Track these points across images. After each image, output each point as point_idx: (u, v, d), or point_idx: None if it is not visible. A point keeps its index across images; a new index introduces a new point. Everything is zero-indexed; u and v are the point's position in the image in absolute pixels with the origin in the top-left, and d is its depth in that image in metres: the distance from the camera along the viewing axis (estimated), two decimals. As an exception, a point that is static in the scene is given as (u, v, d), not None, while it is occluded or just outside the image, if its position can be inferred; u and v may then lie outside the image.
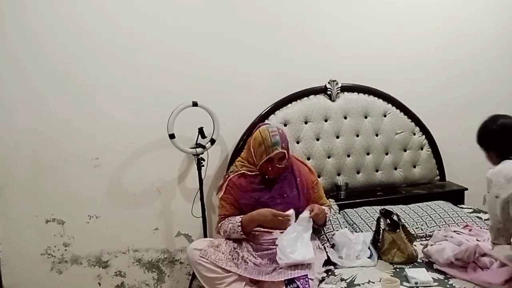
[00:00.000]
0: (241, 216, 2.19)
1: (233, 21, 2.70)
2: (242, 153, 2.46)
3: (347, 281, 1.97)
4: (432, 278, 1.90)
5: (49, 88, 2.53)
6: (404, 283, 1.87)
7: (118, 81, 2.60)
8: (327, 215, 2.33)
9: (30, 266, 2.64)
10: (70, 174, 2.61)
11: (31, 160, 2.56)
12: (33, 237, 2.62)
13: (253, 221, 2.15)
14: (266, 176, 2.23)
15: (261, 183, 2.24)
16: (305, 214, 2.11)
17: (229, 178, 2.29)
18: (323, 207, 2.31)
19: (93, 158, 2.62)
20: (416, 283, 1.85)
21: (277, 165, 2.18)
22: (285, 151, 2.19)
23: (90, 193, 2.64)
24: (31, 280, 2.65)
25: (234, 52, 2.72)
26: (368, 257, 2.13)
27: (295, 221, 2.09)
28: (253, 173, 2.26)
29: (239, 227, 2.15)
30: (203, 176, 2.58)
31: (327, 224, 2.39)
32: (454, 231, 2.18)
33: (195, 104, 2.49)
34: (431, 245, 2.09)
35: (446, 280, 1.90)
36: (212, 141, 2.60)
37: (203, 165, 2.56)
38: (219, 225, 2.27)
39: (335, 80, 2.82)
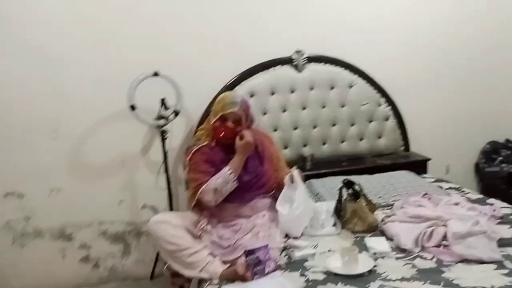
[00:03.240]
0: (226, 167, 2.08)
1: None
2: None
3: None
4: (391, 247, 1.94)
5: (3, 57, 2.42)
6: (364, 252, 1.91)
7: (76, 50, 2.50)
8: None
9: (-10, 240, 2.59)
10: (28, 146, 2.53)
11: (-14, 132, 2.48)
12: (-8, 211, 2.57)
13: (239, 161, 2.09)
14: (216, 139, 2.14)
15: (226, 156, 2.18)
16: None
17: (192, 152, 2.17)
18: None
19: (52, 130, 2.54)
20: (374, 253, 1.89)
21: (228, 126, 2.11)
22: (241, 116, 2.13)
23: (50, 165, 2.58)
24: (-8, 254, 2.61)
25: (198, 21, 2.64)
26: (333, 225, 2.17)
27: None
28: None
29: (232, 174, 2.05)
30: (167, 149, 2.54)
31: None
32: (413, 201, 2.23)
33: (156, 74, 2.43)
34: (386, 223, 2.11)
35: (403, 249, 1.94)
36: (176, 113, 2.55)
37: (166, 137, 2.52)
38: (199, 192, 2.06)
39: (301, 51, 2.78)
